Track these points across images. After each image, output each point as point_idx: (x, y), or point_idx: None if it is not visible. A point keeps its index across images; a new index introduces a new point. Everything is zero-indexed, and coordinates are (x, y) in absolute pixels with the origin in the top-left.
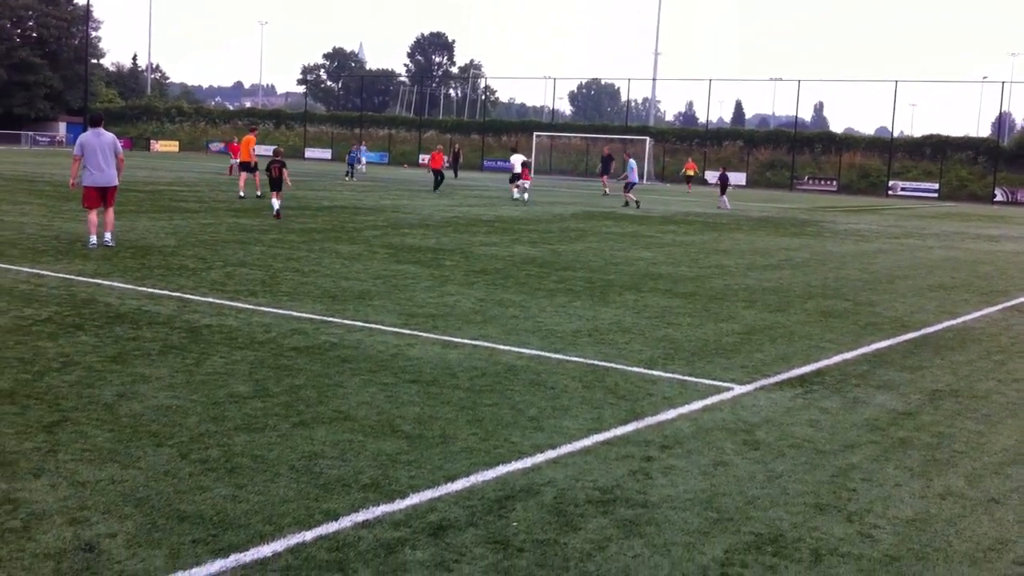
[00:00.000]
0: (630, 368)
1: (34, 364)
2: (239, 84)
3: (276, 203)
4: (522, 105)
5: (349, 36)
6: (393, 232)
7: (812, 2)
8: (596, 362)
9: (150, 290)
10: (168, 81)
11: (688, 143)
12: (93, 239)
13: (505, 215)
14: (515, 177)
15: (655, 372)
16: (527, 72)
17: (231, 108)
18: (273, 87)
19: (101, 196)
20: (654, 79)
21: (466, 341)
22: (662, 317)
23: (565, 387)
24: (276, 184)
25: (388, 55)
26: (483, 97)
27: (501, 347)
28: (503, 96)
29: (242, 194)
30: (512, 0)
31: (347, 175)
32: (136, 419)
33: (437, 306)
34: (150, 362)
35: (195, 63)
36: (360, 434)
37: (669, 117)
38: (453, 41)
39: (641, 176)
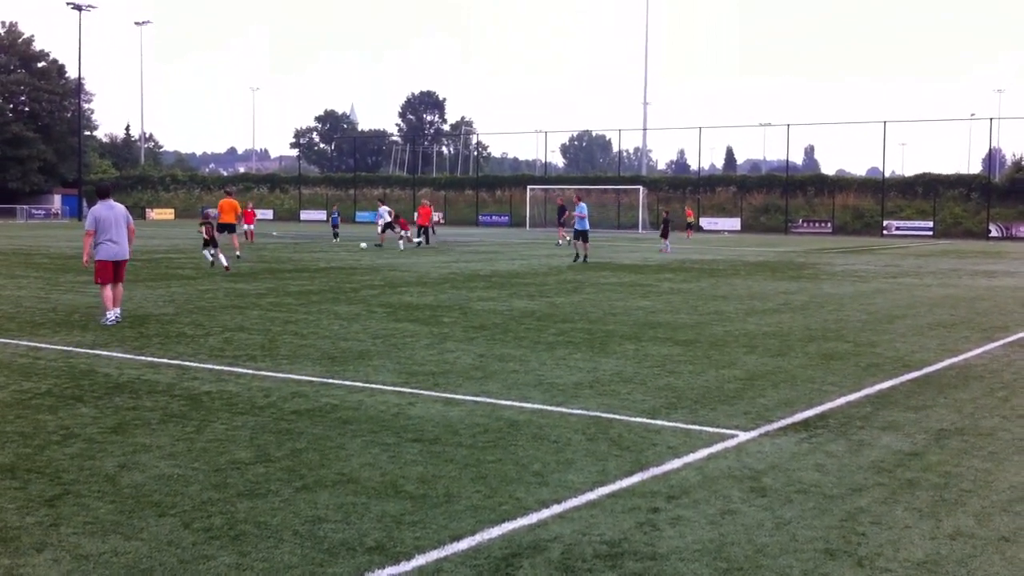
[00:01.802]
0: (633, 418)
1: (34, 438)
2: (232, 149)
3: (222, 258)
4: (515, 159)
5: (340, 98)
6: (391, 291)
7: (801, 46)
8: (599, 413)
9: (149, 359)
10: (161, 149)
11: (681, 191)
12: (110, 315)
13: (502, 269)
14: (389, 226)
15: (658, 421)
16: (518, 126)
17: (225, 174)
18: (267, 151)
19: (115, 270)
20: (644, 129)
21: (467, 398)
22: (663, 366)
23: (569, 440)
24: (213, 241)
25: (380, 115)
26: (475, 153)
27: (503, 402)
28: (495, 151)
29: (239, 254)
30: (501, 56)
31: (334, 237)
32: (138, 489)
33: (437, 363)
34: (151, 431)
35: (188, 130)
36: (364, 496)
37: (661, 165)
38: (444, 99)
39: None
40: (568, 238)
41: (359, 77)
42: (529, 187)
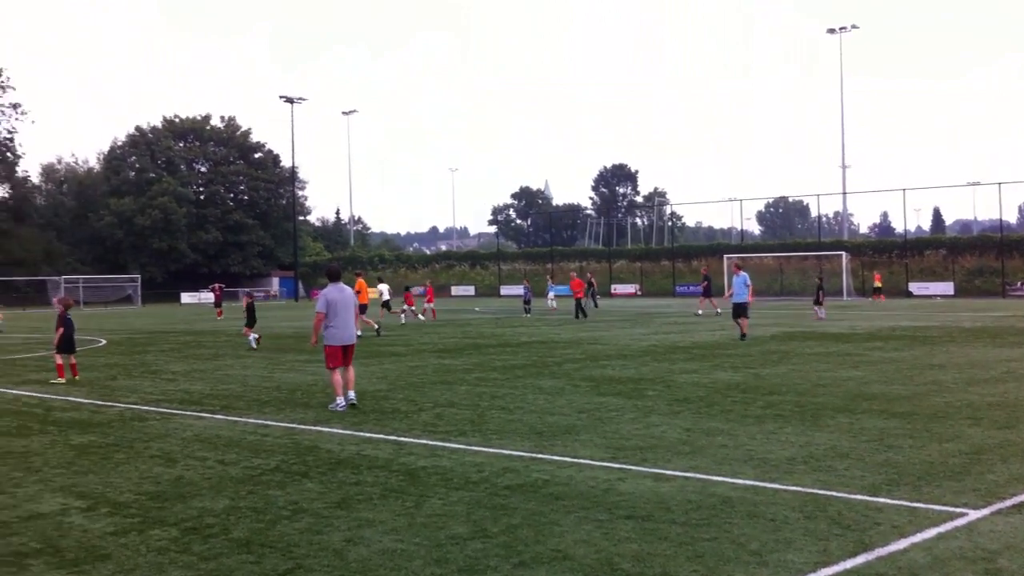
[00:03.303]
0: (852, 496)
1: (266, 512)
2: (434, 228)
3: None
4: (709, 228)
5: (535, 175)
6: (592, 364)
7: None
8: (815, 490)
9: (367, 434)
10: (369, 231)
11: (887, 255)
12: (340, 400)
13: (702, 340)
14: (386, 305)
15: (880, 499)
16: (712, 195)
17: (428, 252)
18: (466, 229)
19: (344, 354)
20: (844, 192)
21: (677, 473)
22: (880, 440)
23: (785, 518)
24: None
25: (573, 189)
26: (669, 223)
27: (714, 478)
28: (689, 220)
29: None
30: (692, 127)
31: (526, 312)
32: (364, 564)
33: (643, 438)
34: (373, 506)
35: (393, 212)
36: (580, 574)
37: (863, 229)
38: (636, 171)
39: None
40: (718, 310)
41: (552, 153)
42: (726, 256)
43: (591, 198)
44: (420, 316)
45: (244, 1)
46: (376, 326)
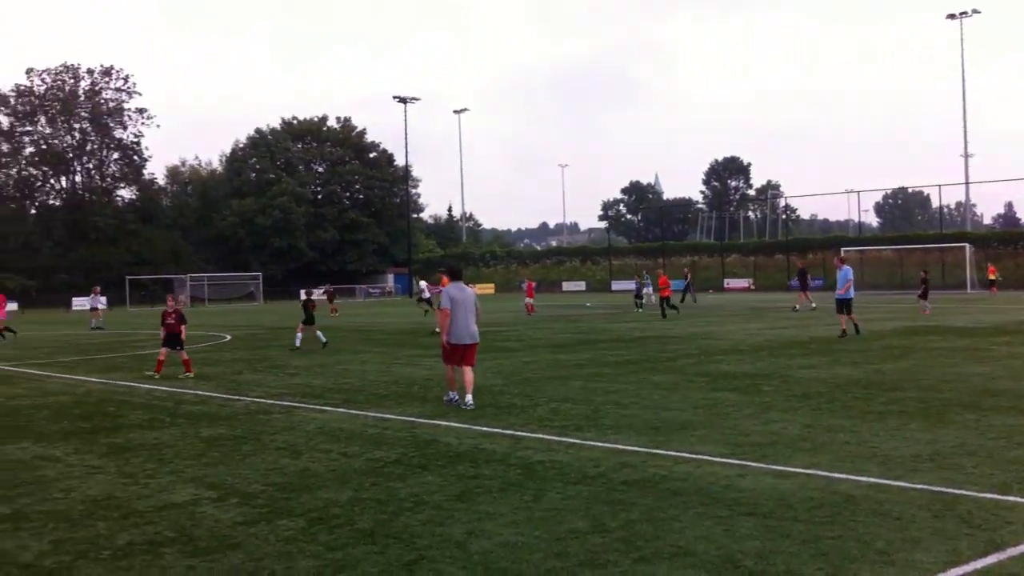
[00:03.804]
0: (982, 494)
1: (389, 504)
2: (544, 224)
3: (320, 335)
4: (825, 220)
5: (644, 169)
6: (706, 360)
7: None
8: (942, 489)
9: (484, 428)
10: (480, 228)
11: (1012, 246)
12: (452, 394)
13: (819, 335)
14: (427, 301)
15: (1011, 498)
16: (827, 187)
17: (538, 248)
18: (576, 224)
19: (463, 354)
20: (967, 183)
21: (798, 470)
22: (1010, 437)
23: (912, 517)
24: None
25: (683, 183)
26: (783, 216)
27: (836, 475)
28: (804, 213)
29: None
30: (806, 116)
31: (638, 307)
32: (485, 556)
33: (762, 434)
34: (492, 499)
35: (503, 208)
36: (702, 570)
37: (987, 220)
38: (748, 164)
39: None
40: (813, 304)
41: (662, 146)
42: (843, 249)
43: (702, 192)
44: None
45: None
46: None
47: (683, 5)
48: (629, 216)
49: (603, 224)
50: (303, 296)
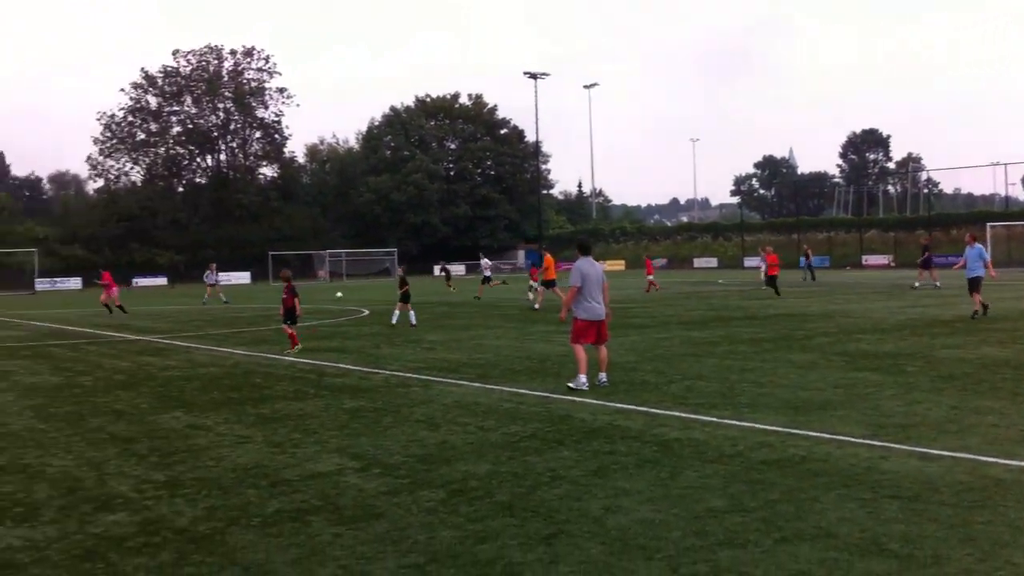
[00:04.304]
0: None
1: (526, 478)
2: (675, 200)
3: (412, 315)
4: (969, 195)
5: (778, 143)
6: (845, 338)
7: None
8: None
9: (618, 405)
10: (610, 204)
11: None
12: (583, 378)
13: (964, 314)
14: (487, 280)
15: None
16: (972, 160)
17: (669, 224)
18: (707, 200)
19: (598, 330)
20: None
21: (944, 453)
22: None
23: None
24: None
25: (819, 157)
26: (925, 191)
27: (985, 459)
28: (947, 187)
29: (536, 306)
30: (949, 88)
31: (763, 286)
32: (623, 532)
33: (905, 415)
34: (628, 476)
35: (633, 184)
36: (846, 552)
37: None
38: (888, 136)
39: None
40: (937, 283)
41: (796, 120)
42: (989, 224)
43: (839, 165)
44: (529, 295)
45: None
46: (536, 304)
47: None
48: (762, 191)
49: (735, 199)
50: (399, 273)
